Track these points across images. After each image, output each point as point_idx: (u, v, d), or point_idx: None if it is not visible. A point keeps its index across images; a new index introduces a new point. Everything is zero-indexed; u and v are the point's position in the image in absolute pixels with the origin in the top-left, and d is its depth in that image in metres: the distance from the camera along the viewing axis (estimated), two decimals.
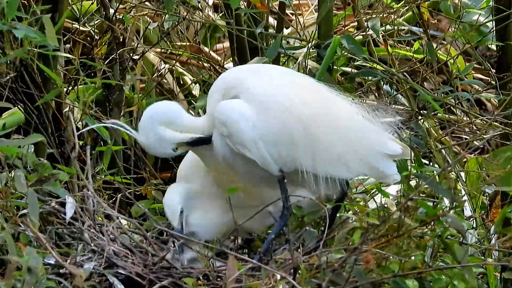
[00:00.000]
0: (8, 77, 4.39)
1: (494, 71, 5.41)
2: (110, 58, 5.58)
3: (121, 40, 5.58)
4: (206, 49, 6.10)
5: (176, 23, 5.44)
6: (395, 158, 4.19)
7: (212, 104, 4.15)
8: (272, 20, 6.21)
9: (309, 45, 5.10)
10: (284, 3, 5.55)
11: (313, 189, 4.13)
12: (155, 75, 5.93)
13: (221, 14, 5.79)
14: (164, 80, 6.12)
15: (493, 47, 5.63)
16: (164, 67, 6.01)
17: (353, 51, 5.00)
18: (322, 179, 4.08)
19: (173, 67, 5.98)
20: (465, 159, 5.01)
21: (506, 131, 5.07)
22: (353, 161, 4.11)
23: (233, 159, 4.12)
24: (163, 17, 5.56)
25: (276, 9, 5.75)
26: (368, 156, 4.13)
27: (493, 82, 5.34)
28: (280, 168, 4.09)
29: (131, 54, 5.61)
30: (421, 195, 4.11)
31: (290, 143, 4.06)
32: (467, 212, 4.73)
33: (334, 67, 5.22)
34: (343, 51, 5.07)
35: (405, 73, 5.32)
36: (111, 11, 5.52)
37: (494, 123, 5.10)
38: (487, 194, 5.07)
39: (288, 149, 4.07)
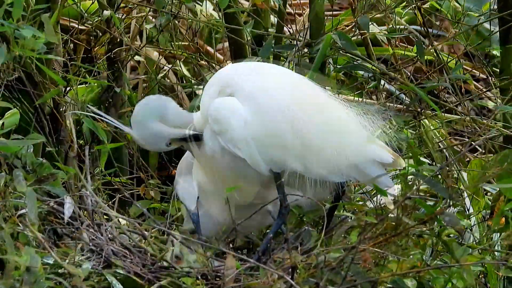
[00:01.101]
0: (11, 75, 4.38)
1: (498, 71, 5.42)
2: (105, 57, 5.57)
3: (118, 40, 5.57)
4: (209, 48, 6.09)
5: (169, 22, 5.41)
6: (387, 167, 4.18)
7: (206, 101, 4.14)
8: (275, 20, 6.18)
9: (298, 44, 5.07)
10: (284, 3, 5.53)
11: (304, 190, 4.12)
12: (152, 74, 5.91)
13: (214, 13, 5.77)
14: (167, 79, 6.11)
15: (495, 50, 5.62)
16: (163, 67, 5.99)
17: (345, 47, 4.99)
18: (312, 182, 4.08)
19: (173, 66, 5.96)
20: (468, 159, 5.00)
21: (506, 132, 5.06)
22: (343, 165, 4.09)
23: (222, 157, 4.10)
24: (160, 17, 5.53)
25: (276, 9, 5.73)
26: (358, 162, 4.10)
27: (496, 83, 5.33)
28: (269, 168, 4.08)
29: (127, 54, 5.59)
30: (421, 194, 4.11)
31: (281, 144, 4.04)
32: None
33: (337, 66, 5.20)
34: (338, 50, 5.06)
35: (408, 73, 5.32)
36: (107, 12, 5.50)
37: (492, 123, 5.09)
38: (490, 194, 5.05)
39: (278, 150, 4.05)
